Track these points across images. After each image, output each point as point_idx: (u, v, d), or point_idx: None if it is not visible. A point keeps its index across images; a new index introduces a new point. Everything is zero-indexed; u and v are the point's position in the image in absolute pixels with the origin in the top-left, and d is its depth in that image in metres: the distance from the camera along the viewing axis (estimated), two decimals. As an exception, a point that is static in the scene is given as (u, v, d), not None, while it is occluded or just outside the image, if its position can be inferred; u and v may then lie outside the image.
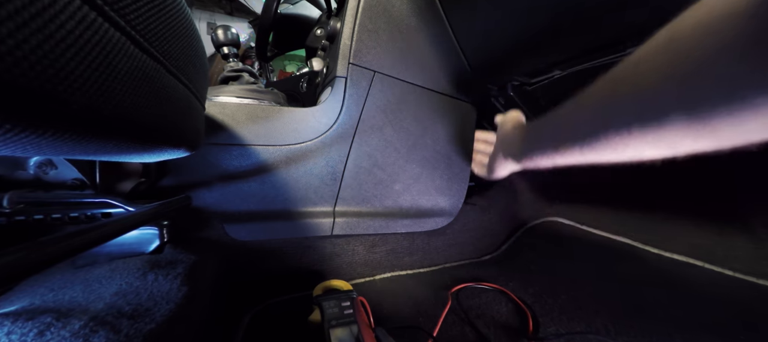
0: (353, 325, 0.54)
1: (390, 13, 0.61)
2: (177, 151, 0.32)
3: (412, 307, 0.71)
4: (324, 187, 0.70)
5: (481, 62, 0.67)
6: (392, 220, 0.80)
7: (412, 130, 0.74)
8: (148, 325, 0.35)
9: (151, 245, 0.53)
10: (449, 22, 0.62)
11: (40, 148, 0.17)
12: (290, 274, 0.74)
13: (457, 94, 0.77)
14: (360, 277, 0.81)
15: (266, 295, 0.69)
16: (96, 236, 0.32)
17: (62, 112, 0.16)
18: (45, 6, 0.14)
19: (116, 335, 0.32)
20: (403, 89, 0.69)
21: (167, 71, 0.26)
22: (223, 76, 0.76)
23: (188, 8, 0.31)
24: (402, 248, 0.86)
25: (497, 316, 0.69)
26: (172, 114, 0.29)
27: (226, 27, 0.76)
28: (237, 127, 0.59)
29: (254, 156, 0.62)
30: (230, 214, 0.64)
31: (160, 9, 0.24)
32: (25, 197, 0.39)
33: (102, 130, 0.20)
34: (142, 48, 0.22)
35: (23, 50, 0.13)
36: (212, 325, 0.51)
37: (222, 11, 1.90)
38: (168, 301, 0.39)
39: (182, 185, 0.60)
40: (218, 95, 0.64)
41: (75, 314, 0.33)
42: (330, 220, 0.72)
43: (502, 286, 0.78)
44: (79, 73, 0.16)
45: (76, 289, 0.39)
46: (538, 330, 0.64)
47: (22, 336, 0.30)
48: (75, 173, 0.44)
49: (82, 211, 0.44)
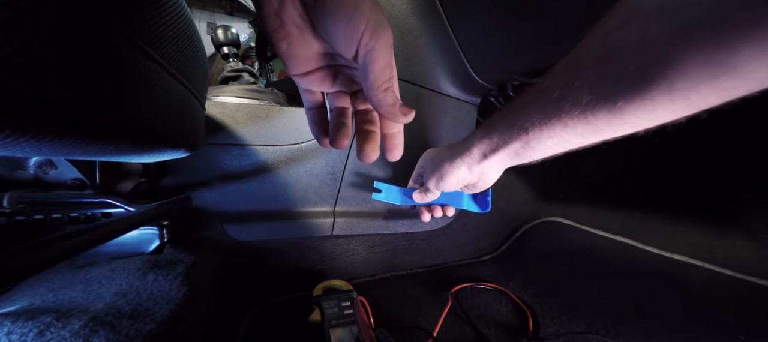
0: (353, 325, 0.54)
1: (390, 13, 0.61)
2: (177, 151, 0.32)
3: (412, 307, 0.71)
4: (324, 187, 0.70)
5: (481, 62, 0.67)
6: (392, 220, 0.80)
7: (411, 130, 0.74)
8: (148, 325, 0.35)
9: (151, 245, 0.53)
10: (449, 22, 0.62)
11: (39, 149, 0.17)
12: (290, 274, 0.74)
13: (457, 94, 0.77)
14: (360, 277, 0.81)
15: (266, 295, 0.69)
16: (96, 236, 0.32)
17: (62, 115, 0.16)
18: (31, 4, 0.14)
19: (116, 335, 0.32)
20: (403, 89, 0.69)
21: (167, 73, 0.26)
22: (223, 76, 0.76)
23: (188, 8, 0.31)
24: (402, 248, 0.86)
25: (497, 316, 0.69)
26: (172, 115, 0.29)
27: (226, 27, 0.76)
28: (237, 127, 0.59)
29: (254, 156, 0.62)
30: (230, 214, 0.64)
31: (159, 11, 0.24)
32: (25, 197, 0.39)
33: (102, 132, 0.20)
34: (142, 51, 0.22)
35: (22, 55, 0.13)
36: (212, 325, 0.51)
37: (222, 11, 1.90)
38: (168, 301, 0.39)
39: (182, 185, 0.60)
40: (218, 95, 0.64)
41: (75, 314, 0.33)
42: (330, 220, 0.72)
43: (502, 286, 0.78)
44: (78, 77, 0.16)
45: (76, 289, 0.39)
46: (538, 330, 0.64)
47: (22, 336, 0.30)
48: (75, 173, 0.44)
49: (82, 211, 0.44)
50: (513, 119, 0.27)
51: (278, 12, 0.20)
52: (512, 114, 0.27)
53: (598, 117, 0.20)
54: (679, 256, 0.71)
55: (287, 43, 0.21)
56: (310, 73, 0.24)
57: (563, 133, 0.23)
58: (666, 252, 0.74)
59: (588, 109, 0.20)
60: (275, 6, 0.20)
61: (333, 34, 0.20)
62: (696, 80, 0.15)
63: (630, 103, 0.18)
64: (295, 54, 0.22)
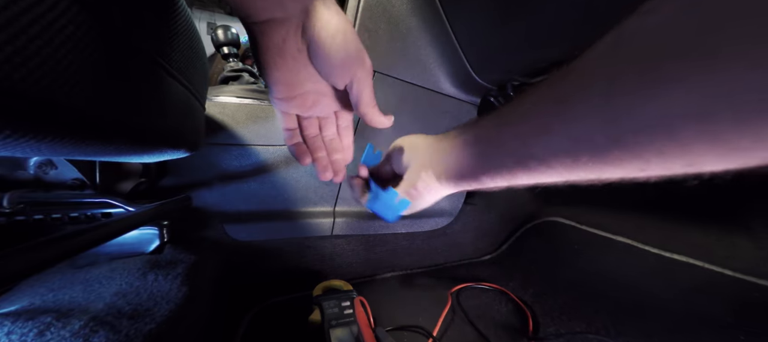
0: (353, 325, 0.54)
1: (390, 13, 0.61)
2: (177, 151, 0.32)
3: (412, 307, 0.71)
4: (324, 187, 0.70)
5: (481, 62, 0.67)
6: (392, 220, 0.80)
7: (411, 130, 0.74)
8: (148, 325, 0.35)
9: (151, 245, 0.53)
10: (449, 22, 0.62)
11: (39, 149, 0.17)
12: (290, 274, 0.74)
13: (457, 94, 0.77)
14: (360, 277, 0.81)
15: (266, 295, 0.69)
16: (96, 236, 0.32)
17: (61, 116, 0.16)
18: (32, 3, 0.14)
19: (116, 335, 0.32)
20: (403, 89, 0.69)
21: (167, 73, 0.26)
22: (223, 76, 0.76)
23: (188, 9, 0.31)
24: (402, 248, 0.86)
25: (497, 316, 0.69)
26: (172, 115, 0.29)
27: (226, 27, 0.76)
28: (237, 127, 0.59)
29: (254, 156, 0.62)
30: (230, 214, 0.64)
31: (159, 12, 0.24)
32: (25, 197, 0.39)
33: (102, 133, 0.20)
34: (142, 52, 0.22)
35: (21, 55, 0.13)
36: (212, 325, 0.51)
37: (222, 11, 1.89)
38: (168, 301, 0.39)
39: (182, 185, 0.60)
40: (218, 95, 0.64)
41: (75, 314, 0.33)
42: (330, 220, 0.72)
43: (502, 286, 0.78)
44: (78, 78, 0.16)
45: (76, 289, 0.39)
46: (538, 330, 0.64)
47: (22, 336, 0.30)
48: (75, 173, 0.44)
49: (82, 211, 0.44)
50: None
51: (281, 46, 0.23)
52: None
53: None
54: (679, 256, 0.71)
55: (280, 71, 0.24)
56: (293, 97, 0.27)
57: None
58: (666, 252, 0.74)
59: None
60: (279, 41, 0.22)
61: (327, 68, 0.25)
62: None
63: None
64: (285, 80, 0.25)
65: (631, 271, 0.75)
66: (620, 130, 0.14)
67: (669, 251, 0.73)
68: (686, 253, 0.70)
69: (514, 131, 0.20)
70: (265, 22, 0.22)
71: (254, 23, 0.22)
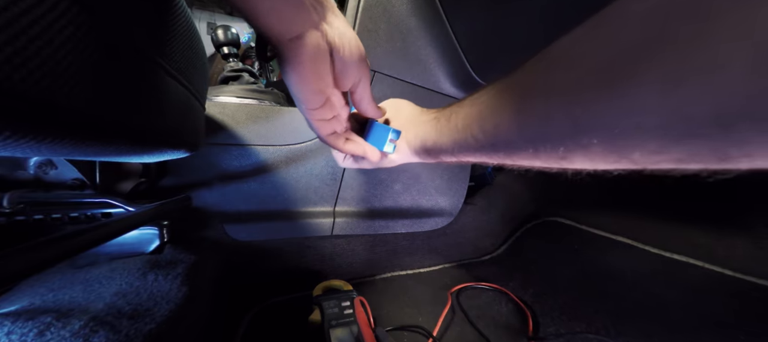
0: (353, 325, 0.54)
1: (390, 13, 0.61)
2: (177, 151, 0.32)
3: (412, 307, 0.71)
4: (324, 187, 0.70)
5: (481, 62, 0.67)
6: (392, 220, 0.80)
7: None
8: (148, 325, 0.35)
9: (151, 245, 0.53)
10: (449, 22, 0.62)
11: (39, 150, 0.17)
12: (290, 274, 0.74)
13: (456, 94, 0.77)
14: (360, 277, 0.81)
15: (266, 295, 0.69)
16: (96, 236, 0.32)
17: (61, 117, 0.16)
18: (32, 4, 0.14)
19: (116, 335, 0.32)
20: (403, 89, 0.69)
21: (167, 73, 0.26)
22: (223, 76, 0.76)
23: (188, 8, 0.31)
24: (402, 248, 0.86)
25: (497, 316, 0.69)
26: (172, 115, 0.29)
27: (226, 27, 0.76)
28: (237, 127, 0.59)
29: (254, 156, 0.62)
30: (230, 214, 0.64)
31: (159, 12, 0.24)
32: (25, 197, 0.39)
33: (101, 133, 0.20)
34: (141, 52, 0.22)
35: (22, 56, 0.13)
36: (212, 325, 0.51)
37: (222, 11, 1.89)
38: (168, 301, 0.39)
39: (182, 185, 0.60)
40: (218, 95, 0.64)
41: (75, 314, 0.33)
42: (330, 220, 0.72)
43: (502, 286, 0.78)
44: (78, 79, 0.16)
45: (76, 289, 0.39)
46: (538, 330, 0.64)
47: (22, 336, 0.30)
48: (75, 173, 0.44)
49: (82, 211, 0.44)
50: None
51: (315, 56, 0.24)
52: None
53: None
54: (679, 256, 0.71)
55: (315, 82, 0.27)
56: (324, 104, 0.29)
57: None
58: (666, 252, 0.74)
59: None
60: (313, 52, 0.24)
61: (345, 71, 0.28)
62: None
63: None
64: (319, 89, 0.28)
65: (631, 271, 0.75)
66: (530, 137, 0.19)
67: (669, 251, 0.73)
68: (686, 253, 0.70)
69: (457, 125, 0.26)
70: (297, 37, 0.23)
71: (290, 40, 0.23)
